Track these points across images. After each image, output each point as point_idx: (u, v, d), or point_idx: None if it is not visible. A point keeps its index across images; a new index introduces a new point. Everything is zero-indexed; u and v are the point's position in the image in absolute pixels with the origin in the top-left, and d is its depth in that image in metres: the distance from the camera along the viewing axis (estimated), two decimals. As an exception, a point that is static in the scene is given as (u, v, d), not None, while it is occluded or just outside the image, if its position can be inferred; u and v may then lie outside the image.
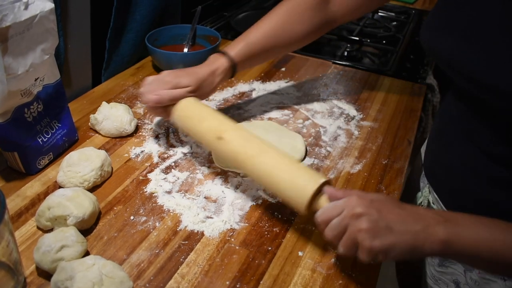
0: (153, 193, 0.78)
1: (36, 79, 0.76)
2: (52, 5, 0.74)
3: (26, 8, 0.69)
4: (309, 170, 0.67)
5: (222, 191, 0.79)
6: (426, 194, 0.86)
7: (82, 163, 0.77)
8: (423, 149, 0.94)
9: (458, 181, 0.73)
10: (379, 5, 1.32)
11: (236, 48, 0.87)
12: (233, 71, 0.88)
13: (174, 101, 0.81)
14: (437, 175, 0.80)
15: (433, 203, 0.83)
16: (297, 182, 0.64)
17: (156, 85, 0.81)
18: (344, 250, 0.58)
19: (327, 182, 0.63)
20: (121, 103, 0.97)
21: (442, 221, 0.56)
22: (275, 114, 1.02)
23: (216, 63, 0.86)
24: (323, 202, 0.62)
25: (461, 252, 0.56)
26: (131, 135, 0.92)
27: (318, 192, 0.62)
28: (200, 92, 0.84)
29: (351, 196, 0.59)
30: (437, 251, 0.55)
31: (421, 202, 0.87)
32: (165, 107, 0.82)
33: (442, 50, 0.67)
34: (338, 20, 0.92)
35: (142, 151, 0.88)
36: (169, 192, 0.78)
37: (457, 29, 0.65)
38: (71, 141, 0.88)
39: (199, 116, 0.78)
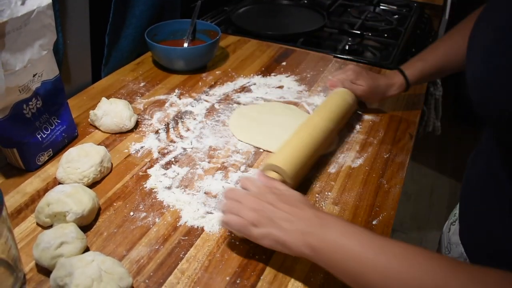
0: (153, 189, 0.77)
1: (34, 75, 0.76)
2: (49, 0, 0.73)
3: (23, 3, 0.69)
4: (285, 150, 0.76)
5: (222, 186, 0.78)
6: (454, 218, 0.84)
7: (82, 159, 0.76)
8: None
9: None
10: None
11: (413, 67, 0.97)
12: (407, 87, 0.97)
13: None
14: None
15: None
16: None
17: (341, 73, 0.96)
18: (223, 209, 0.65)
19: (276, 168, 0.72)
20: (121, 98, 0.96)
21: (318, 225, 0.57)
22: (275, 108, 1.01)
23: (394, 79, 0.97)
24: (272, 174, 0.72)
25: (327, 258, 0.55)
26: (131, 130, 0.92)
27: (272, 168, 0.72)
28: (370, 95, 0.96)
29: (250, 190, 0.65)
30: (305, 253, 0.57)
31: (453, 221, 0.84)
32: None
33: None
34: None
35: (142, 147, 0.87)
36: (169, 188, 0.78)
37: None
38: (70, 137, 0.88)
39: (325, 105, 0.89)
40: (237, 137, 0.91)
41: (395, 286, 0.49)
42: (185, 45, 1.19)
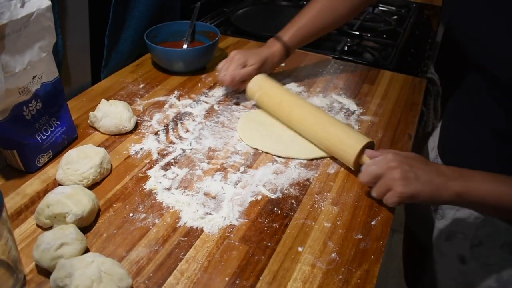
0: (153, 190, 0.78)
1: (34, 77, 0.76)
2: (48, 3, 0.74)
3: (22, 5, 0.69)
4: (356, 132, 0.86)
5: (222, 187, 0.79)
6: None
7: (81, 160, 0.77)
8: (431, 139, 1.03)
9: (469, 158, 0.83)
10: None
11: (289, 33, 1.04)
12: (287, 53, 1.05)
13: (244, 78, 0.98)
14: (451, 152, 0.92)
15: None
16: (347, 141, 0.82)
17: (228, 64, 0.99)
18: (376, 194, 0.73)
19: (371, 143, 0.82)
20: (121, 100, 0.97)
21: (458, 177, 0.70)
22: (274, 109, 1.02)
23: (274, 47, 1.03)
24: (365, 159, 0.78)
25: (471, 201, 0.71)
26: (130, 132, 0.92)
27: (363, 150, 0.79)
28: (263, 69, 1.01)
29: (388, 153, 0.74)
30: (452, 200, 0.70)
31: None
32: (241, 82, 1.00)
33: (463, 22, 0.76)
34: None
35: (141, 148, 0.88)
36: (168, 189, 0.78)
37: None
38: (70, 139, 0.88)
39: (272, 92, 0.97)
40: (245, 142, 0.90)
41: None
42: (185, 46, 1.19)
